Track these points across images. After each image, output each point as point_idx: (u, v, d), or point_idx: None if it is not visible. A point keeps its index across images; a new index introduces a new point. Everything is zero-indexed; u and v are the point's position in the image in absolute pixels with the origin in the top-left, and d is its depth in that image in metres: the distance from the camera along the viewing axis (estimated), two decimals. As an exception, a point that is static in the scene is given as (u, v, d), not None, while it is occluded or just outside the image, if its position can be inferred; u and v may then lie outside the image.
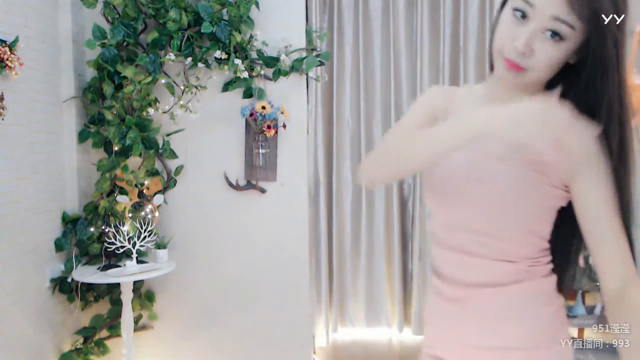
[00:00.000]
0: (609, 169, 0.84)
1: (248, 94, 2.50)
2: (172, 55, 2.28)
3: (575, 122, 0.81)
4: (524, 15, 0.80)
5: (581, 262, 2.63)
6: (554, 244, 0.95)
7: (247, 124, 2.52)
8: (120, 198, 2.33)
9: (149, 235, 2.32)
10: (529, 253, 0.91)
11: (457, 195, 0.92)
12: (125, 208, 2.34)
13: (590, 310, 2.65)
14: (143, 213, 2.35)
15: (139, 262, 2.30)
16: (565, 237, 0.95)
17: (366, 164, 1.01)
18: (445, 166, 0.91)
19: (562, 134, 0.80)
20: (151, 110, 2.35)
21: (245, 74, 2.39)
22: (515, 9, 0.81)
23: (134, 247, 2.28)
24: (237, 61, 2.36)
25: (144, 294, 2.53)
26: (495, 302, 0.91)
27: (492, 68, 0.92)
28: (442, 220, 0.96)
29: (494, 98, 0.94)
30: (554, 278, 0.95)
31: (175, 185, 2.53)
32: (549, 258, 0.95)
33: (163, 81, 2.37)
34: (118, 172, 2.37)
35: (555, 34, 0.78)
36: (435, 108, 1.01)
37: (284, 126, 2.51)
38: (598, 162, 0.84)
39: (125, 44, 2.36)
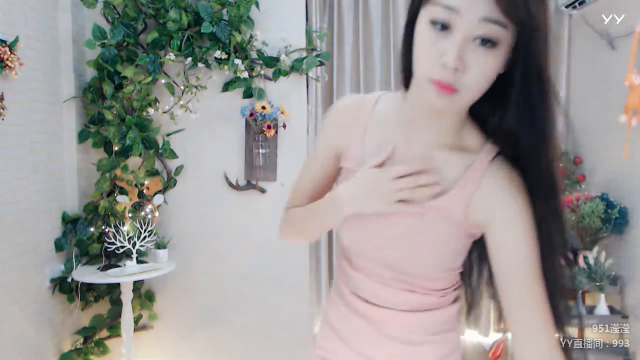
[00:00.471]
0: (531, 210, 0.75)
1: (248, 94, 2.50)
2: (172, 55, 2.28)
3: (484, 169, 0.78)
4: (444, 27, 0.68)
5: (581, 262, 2.63)
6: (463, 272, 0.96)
7: (247, 124, 2.52)
8: (120, 198, 2.33)
9: (149, 235, 2.32)
10: (442, 285, 0.90)
11: (376, 239, 0.88)
12: (125, 208, 2.34)
13: (590, 310, 2.65)
14: (143, 213, 2.35)
15: (139, 262, 2.30)
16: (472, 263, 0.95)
17: (281, 231, 1.03)
18: (366, 214, 0.86)
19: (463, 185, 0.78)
20: (151, 110, 2.35)
21: (245, 74, 2.39)
22: (434, 21, 0.68)
23: (134, 247, 2.28)
24: (237, 61, 2.36)
25: (144, 294, 2.53)
26: (409, 326, 0.90)
27: (406, 86, 0.84)
28: (358, 251, 0.92)
29: (409, 125, 0.83)
30: (459, 304, 0.96)
31: (175, 185, 2.53)
32: (458, 284, 0.95)
33: (163, 81, 2.37)
34: (118, 172, 2.37)
35: (486, 40, 0.67)
36: (335, 144, 0.92)
37: (284, 126, 2.51)
38: (515, 204, 0.76)
39: (125, 44, 2.36)
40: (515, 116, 0.73)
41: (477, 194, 0.79)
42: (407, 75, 0.82)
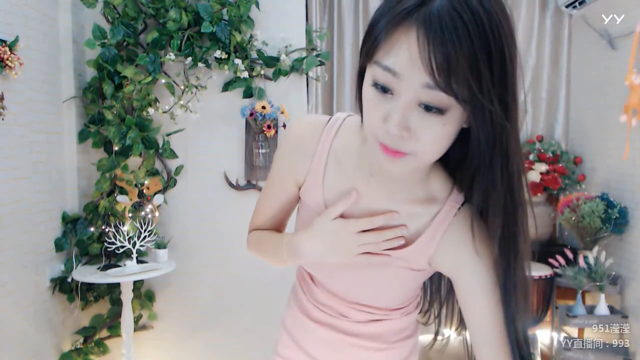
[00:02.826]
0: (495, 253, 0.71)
1: (248, 94, 2.50)
2: (172, 55, 2.28)
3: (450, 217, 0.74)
4: (386, 90, 0.61)
5: (581, 262, 2.63)
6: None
7: (247, 124, 2.52)
8: (120, 198, 2.33)
9: (149, 235, 2.32)
10: (403, 305, 0.92)
11: (337, 280, 0.88)
12: (125, 208, 2.34)
13: (590, 310, 2.65)
14: (143, 213, 2.34)
15: (139, 262, 2.30)
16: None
17: (248, 248, 1.00)
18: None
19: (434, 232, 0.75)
20: (151, 110, 2.35)
21: (245, 74, 2.39)
22: (375, 83, 0.61)
23: (134, 247, 2.28)
24: (237, 61, 2.36)
25: (144, 294, 2.53)
26: (368, 335, 0.91)
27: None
28: (320, 280, 0.93)
29: (371, 173, 0.77)
30: (418, 309, 0.97)
31: (175, 185, 2.53)
32: (419, 296, 0.96)
33: (163, 81, 2.37)
34: (118, 172, 2.37)
35: (431, 107, 0.59)
36: (293, 174, 0.85)
37: (284, 126, 2.51)
38: (479, 256, 0.72)
39: (125, 43, 2.36)
40: (478, 172, 0.67)
41: (441, 245, 0.76)
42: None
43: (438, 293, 0.97)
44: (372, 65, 0.61)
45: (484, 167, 0.65)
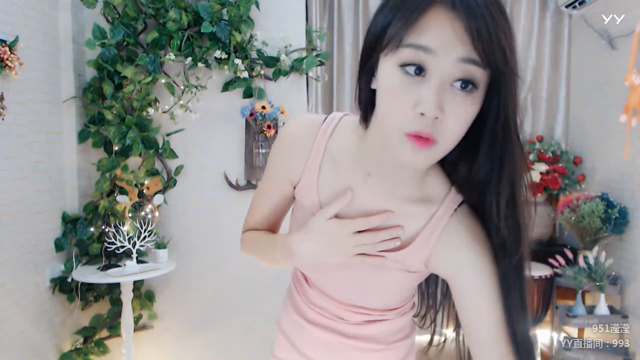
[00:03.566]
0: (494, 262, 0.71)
1: (248, 94, 2.50)
2: (172, 55, 2.28)
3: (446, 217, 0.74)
4: (420, 70, 0.60)
5: (581, 262, 2.63)
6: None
7: (247, 124, 2.52)
8: (120, 198, 2.33)
9: (149, 235, 2.32)
10: (399, 305, 0.91)
11: (331, 281, 0.88)
12: (125, 208, 2.34)
13: (590, 310, 2.65)
14: (143, 213, 2.34)
15: (139, 262, 2.30)
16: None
17: (242, 248, 0.99)
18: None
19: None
20: (151, 110, 2.35)
21: (245, 74, 2.39)
22: (406, 64, 0.60)
23: (134, 247, 2.28)
24: (237, 61, 2.36)
25: (144, 294, 2.53)
26: (364, 337, 0.91)
27: (365, 120, 0.74)
28: (314, 282, 0.92)
29: (368, 172, 0.76)
30: (414, 309, 0.97)
31: (175, 185, 2.53)
32: (414, 295, 0.96)
33: (163, 81, 2.37)
34: (118, 172, 2.37)
35: (467, 83, 0.60)
36: (287, 173, 0.85)
37: (284, 126, 2.51)
38: (476, 257, 0.72)
39: (125, 43, 2.36)
40: (483, 165, 0.67)
41: (438, 247, 0.75)
42: (365, 109, 0.73)
43: (434, 297, 0.96)
44: (399, 49, 0.60)
45: (500, 147, 0.66)
